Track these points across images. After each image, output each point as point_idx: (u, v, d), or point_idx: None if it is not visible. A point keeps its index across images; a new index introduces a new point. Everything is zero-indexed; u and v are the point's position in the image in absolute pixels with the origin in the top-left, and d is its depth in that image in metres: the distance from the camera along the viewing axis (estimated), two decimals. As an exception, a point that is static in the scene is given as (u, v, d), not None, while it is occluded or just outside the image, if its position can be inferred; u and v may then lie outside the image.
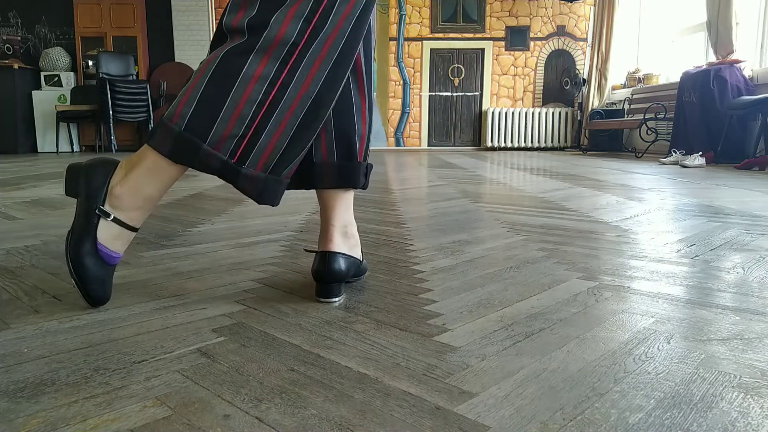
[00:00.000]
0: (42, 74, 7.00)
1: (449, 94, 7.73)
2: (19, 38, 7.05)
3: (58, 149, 7.02)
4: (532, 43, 7.65)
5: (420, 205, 2.12)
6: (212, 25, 7.24)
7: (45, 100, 6.96)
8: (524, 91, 7.74)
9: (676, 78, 5.44)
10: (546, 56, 7.69)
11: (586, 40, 7.59)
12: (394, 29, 7.61)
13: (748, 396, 0.59)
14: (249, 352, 0.70)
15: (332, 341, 0.74)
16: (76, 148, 7.18)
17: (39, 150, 7.07)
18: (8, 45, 6.84)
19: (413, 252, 1.29)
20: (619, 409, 0.56)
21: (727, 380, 0.62)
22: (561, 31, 7.63)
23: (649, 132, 5.79)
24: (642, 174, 3.65)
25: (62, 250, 1.31)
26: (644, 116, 5.67)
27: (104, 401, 0.57)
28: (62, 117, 6.81)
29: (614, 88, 7.08)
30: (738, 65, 4.74)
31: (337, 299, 0.91)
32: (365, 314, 0.85)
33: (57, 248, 1.34)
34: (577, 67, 7.61)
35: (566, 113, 7.58)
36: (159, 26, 7.24)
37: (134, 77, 6.95)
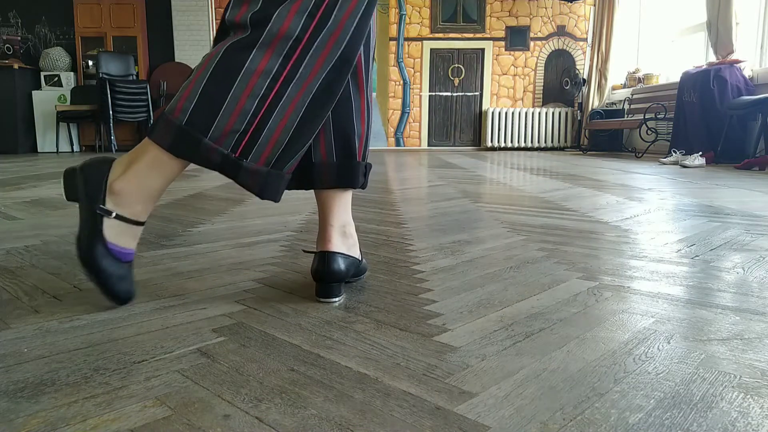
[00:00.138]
0: (42, 74, 7.00)
1: (449, 94, 7.72)
2: (19, 38, 7.05)
3: (58, 149, 7.01)
4: (532, 43, 7.65)
5: (420, 205, 2.12)
6: (212, 25, 7.24)
7: (45, 100, 6.95)
8: (524, 91, 7.74)
9: (676, 78, 5.44)
10: (546, 56, 7.69)
11: (586, 40, 7.59)
12: (394, 29, 7.60)
13: (748, 396, 0.59)
14: (249, 352, 0.70)
15: (332, 341, 0.74)
16: (76, 148, 7.17)
17: (39, 150, 7.07)
18: (8, 45, 6.84)
19: (413, 252, 1.29)
20: (619, 409, 0.56)
21: (727, 380, 0.62)
22: (561, 31, 7.63)
23: (649, 132, 5.79)
24: (642, 174, 3.65)
25: (62, 250, 1.31)
26: (644, 116, 5.67)
27: (104, 401, 0.57)
28: (62, 117, 6.80)
29: (614, 88, 7.08)
30: (738, 65, 4.73)
31: (337, 299, 0.91)
32: (365, 314, 0.85)
33: (57, 248, 1.34)
34: (577, 67, 7.61)
35: (566, 113, 7.58)
36: (159, 26, 7.24)
37: (134, 77, 6.95)
